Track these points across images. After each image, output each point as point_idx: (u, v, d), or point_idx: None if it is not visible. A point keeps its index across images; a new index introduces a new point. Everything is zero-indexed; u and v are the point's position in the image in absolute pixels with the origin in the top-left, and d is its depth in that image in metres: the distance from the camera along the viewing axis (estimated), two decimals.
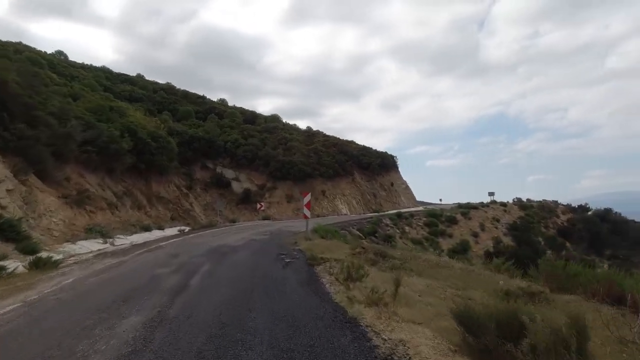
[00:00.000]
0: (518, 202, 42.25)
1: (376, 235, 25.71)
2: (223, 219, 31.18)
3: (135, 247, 12.30)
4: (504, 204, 39.69)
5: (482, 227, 31.28)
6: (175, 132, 35.62)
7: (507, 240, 30.47)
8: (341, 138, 57.17)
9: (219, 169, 39.34)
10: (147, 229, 18.55)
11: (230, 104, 61.58)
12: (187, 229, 20.34)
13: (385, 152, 54.91)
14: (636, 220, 51.97)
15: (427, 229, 29.49)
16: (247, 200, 37.50)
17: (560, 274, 6.14)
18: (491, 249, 28.85)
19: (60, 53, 45.13)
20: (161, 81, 57.69)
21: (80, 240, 12.53)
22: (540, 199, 48.40)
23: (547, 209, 42.38)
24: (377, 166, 50.55)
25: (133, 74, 55.88)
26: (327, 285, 5.97)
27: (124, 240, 14.30)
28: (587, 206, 46.56)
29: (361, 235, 23.58)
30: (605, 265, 32.17)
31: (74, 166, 17.52)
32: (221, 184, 38.23)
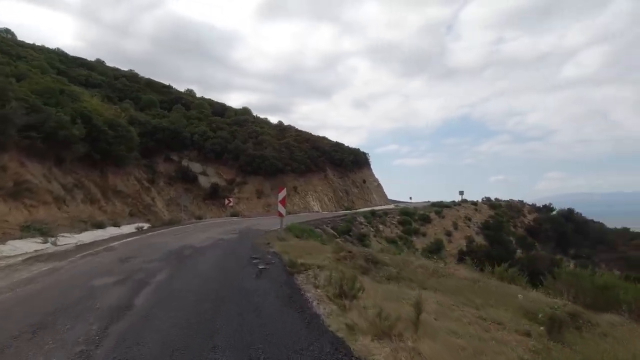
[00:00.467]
0: (487, 202, 42.73)
1: (350, 233, 24.75)
2: (188, 215, 29.23)
3: (80, 247, 10.53)
4: (474, 203, 39.90)
5: (455, 226, 31.07)
6: (136, 122, 33.11)
7: (480, 240, 30.42)
8: (313, 134, 56.09)
9: (184, 162, 37.08)
10: (100, 226, 16.54)
11: (198, 96, 58.95)
12: (146, 226, 18.45)
13: (358, 149, 54.28)
14: (594, 220, 54.22)
15: (401, 227, 28.88)
16: (215, 195, 35.54)
17: (587, 287, 5.19)
18: (464, 248, 28.63)
19: (7, 31, 41.06)
20: (124, 68, 54.23)
21: (12, 239, 10.60)
22: (507, 199, 49.37)
23: (515, 208, 43.11)
24: (349, 163, 49.75)
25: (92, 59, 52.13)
26: (314, 304, 4.72)
27: (69, 240, 12.41)
28: (551, 206, 47.87)
29: (336, 234, 22.54)
30: (572, 265, 32.90)
31: (14, 154, 15.28)
32: (187, 178, 36.02)
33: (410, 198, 73.12)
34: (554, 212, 46.73)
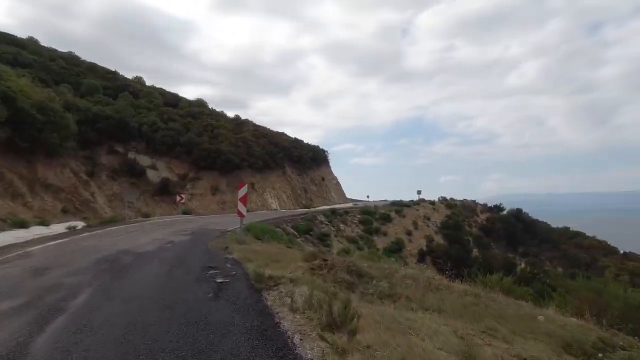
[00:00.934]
0: (444, 201, 43.48)
1: (311, 233, 23.64)
2: (134, 212, 26.66)
3: None
4: (432, 203, 40.33)
5: (415, 226, 30.98)
6: (74, 108, 29.78)
7: (438, 239, 30.55)
8: (272, 129, 54.28)
9: (131, 155, 33.97)
10: (22, 225, 14.09)
11: (148, 84, 54.94)
12: (82, 225, 16.13)
13: (317, 146, 53.25)
14: (539, 220, 57.30)
15: (362, 226, 28.21)
16: (165, 191, 32.86)
17: (617, 306, 4.36)
18: (424, 248, 28.54)
19: None
20: (62, 49, 49.17)
21: None
22: (461, 199, 50.74)
23: (469, 208, 44.23)
24: (308, 160, 48.62)
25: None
26: (296, 340, 3.45)
27: None
28: (502, 206, 49.79)
29: (296, 233, 21.33)
30: (523, 264, 34.06)
31: None
32: (134, 172, 32.99)
33: (368, 197, 73.53)
34: (504, 212, 48.66)
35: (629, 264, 40.68)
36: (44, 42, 51.92)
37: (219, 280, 5.73)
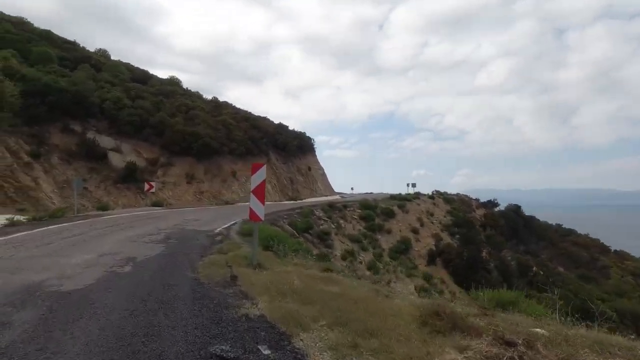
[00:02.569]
0: (440, 195, 40.46)
1: (310, 231, 19.76)
2: (92, 203, 22.02)
3: None
4: (431, 197, 37.18)
5: (421, 222, 27.62)
6: (18, 75, 24.48)
7: (445, 237, 27.38)
8: (253, 113, 49.48)
9: (90, 135, 28.73)
10: None
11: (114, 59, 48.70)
12: (4, 221, 11.51)
13: (303, 133, 49.01)
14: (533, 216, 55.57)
15: (363, 223, 24.58)
16: (131, 178, 27.92)
17: None
18: (433, 248, 25.24)
19: None
20: (12, 14, 42.41)
21: None
22: (455, 192, 48.06)
23: (466, 203, 41.52)
24: (294, 147, 44.42)
25: None
26: None
27: None
28: (496, 201, 47.48)
29: (295, 232, 17.41)
30: (534, 266, 31.40)
31: None
32: (93, 155, 27.82)
33: (352, 189, 70.29)
34: (501, 208, 46.40)
35: (628, 264, 39.18)
36: None
37: None
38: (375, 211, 26.18)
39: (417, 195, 37.09)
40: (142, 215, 15.67)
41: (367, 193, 71.48)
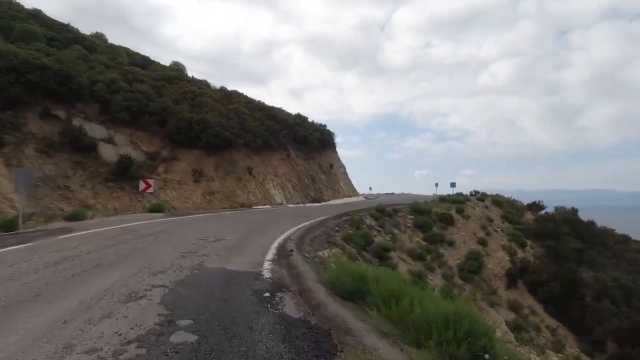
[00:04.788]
0: (486, 196, 34.80)
1: (367, 248, 14.36)
2: (75, 205, 17.04)
3: None
4: (481, 199, 31.50)
5: (486, 231, 21.93)
6: None
7: (515, 248, 21.78)
8: (267, 104, 44.02)
9: (77, 122, 23.46)
10: None
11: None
12: None
13: (325, 126, 43.47)
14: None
15: (420, 232, 19.14)
16: (125, 175, 22.64)
17: None
18: (509, 265, 19.63)
19: None
20: None
21: None
22: (494, 193, 42.41)
23: (514, 205, 35.90)
24: (315, 142, 39.01)
25: None
26: None
27: None
28: (542, 203, 41.69)
29: (356, 250, 12.07)
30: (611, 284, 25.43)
31: None
32: (79, 146, 22.56)
33: (370, 189, 65.35)
34: (544, 211, 40.71)
35: None
36: None
37: None
38: (430, 217, 20.72)
39: (468, 197, 31.47)
40: (128, 229, 10.36)
41: (387, 194, 65.98)
